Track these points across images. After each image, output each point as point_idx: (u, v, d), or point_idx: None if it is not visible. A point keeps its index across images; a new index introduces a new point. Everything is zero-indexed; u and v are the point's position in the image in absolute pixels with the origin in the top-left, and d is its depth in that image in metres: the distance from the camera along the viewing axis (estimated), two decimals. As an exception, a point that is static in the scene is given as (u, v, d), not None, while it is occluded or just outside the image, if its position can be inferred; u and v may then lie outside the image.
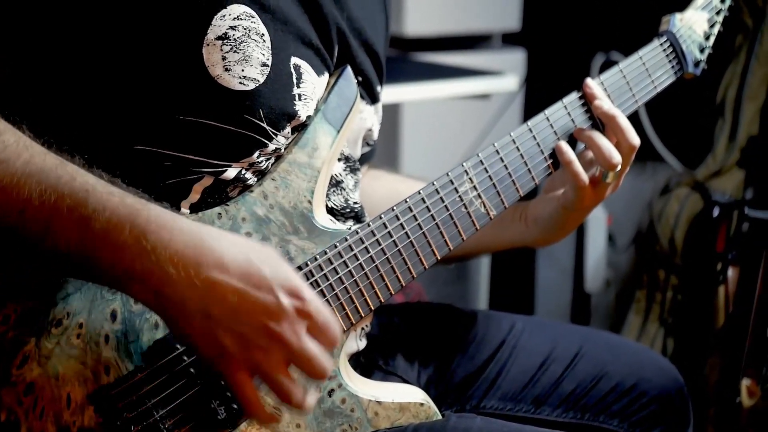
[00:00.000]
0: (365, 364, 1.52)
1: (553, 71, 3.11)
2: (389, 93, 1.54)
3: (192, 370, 1.17)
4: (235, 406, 1.19)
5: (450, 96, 2.64)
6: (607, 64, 2.93)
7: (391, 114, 2.97)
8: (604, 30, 3.08)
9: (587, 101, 1.47)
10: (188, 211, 1.23)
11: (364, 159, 1.55)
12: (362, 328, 1.39)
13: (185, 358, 1.17)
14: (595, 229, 3.09)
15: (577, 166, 1.43)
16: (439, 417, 1.34)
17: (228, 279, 1.07)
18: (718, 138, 2.90)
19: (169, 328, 1.11)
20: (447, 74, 2.66)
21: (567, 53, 3.13)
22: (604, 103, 1.45)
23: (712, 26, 1.68)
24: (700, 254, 2.78)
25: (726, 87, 2.90)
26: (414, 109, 3.00)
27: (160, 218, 1.08)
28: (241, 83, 1.21)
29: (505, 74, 2.70)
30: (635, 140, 1.46)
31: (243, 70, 1.21)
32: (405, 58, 2.99)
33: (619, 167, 1.44)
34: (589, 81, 1.47)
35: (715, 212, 2.66)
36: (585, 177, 1.43)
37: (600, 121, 1.47)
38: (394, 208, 1.31)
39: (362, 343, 1.39)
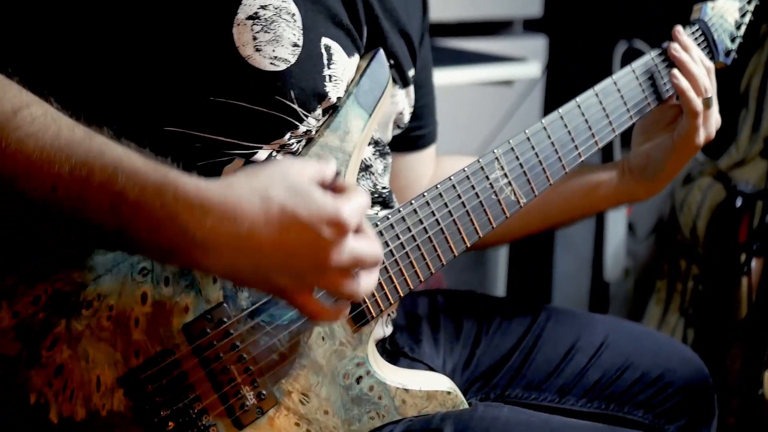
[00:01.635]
0: (391, 351, 1.51)
1: (574, 58, 3.09)
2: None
3: (222, 355, 1.16)
4: (264, 392, 1.19)
5: (473, 82, 2.62)
6: (630, 52, 2.92)
7: (412, 99, 2.94)
8: (626, 17, 3.05)
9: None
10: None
11: (424, 138, 1.58)
12: (388, 315, 1.38)
13: (215, 342, 1.16)
14: (615, 218, 3.08)
15: (692, 93, 1.49)
16: (466, 406, 1.34)
17: (269, 232, 1.03)
18: (741, 128, 2.88)
19: (235, 281, 1.13)
20: (471, 60, 2.64)
21: (589, 40, 3.10)
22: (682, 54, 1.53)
23: (743, 15, 1.67)
24: (722, 244, 2.76)
25: (750, 76, 2.87)
26: (436, 96, 2.97)
27: (191, 182, 1.04)
28: (272, 63, 1.20)
29: (529, 60, 2.68)
30: (708, 63, 1.55)
31: (274, 51, 1.20)
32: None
33: (710, 92, 1.51)
34: (674, 45, 1.53)
35: (738, 202, 2.64)
36: (698, 102, 1.49)
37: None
38: (425, 194, 1.30)
39: (388, 330, 1.38)
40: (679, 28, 1.54)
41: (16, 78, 1.06)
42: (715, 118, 1.54)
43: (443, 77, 2.50)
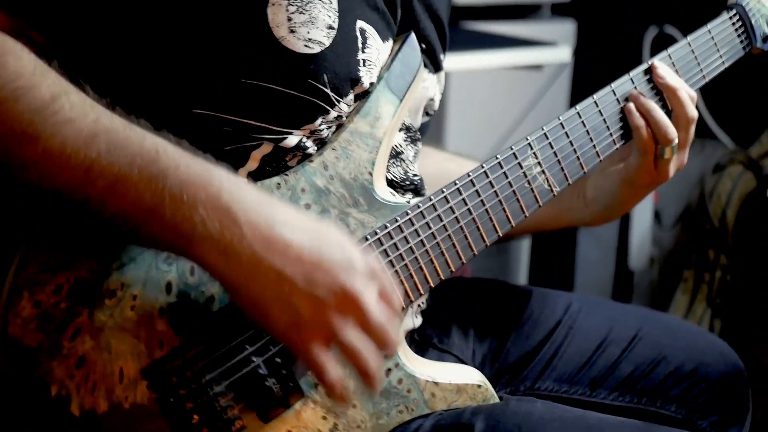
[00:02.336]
0: (419, 342, 1.48)
1: (603, 43, 3.04)
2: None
3: (248, 346, 1.13)
4: (291, 384, 1.16)
5: (502, 66, 2.59)
6: (661, 38, 2.88)
7: (438, 84, 2.92)
8: (657, 2, 3.01)
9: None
10: (246, 180, 1.19)
11: (422, 130, 1.51)
12: (418, 306, 1.35)
13: (241, 334, 1.13)
14: (641, 206, 3.05)
15: (645, 131, 1.39)
16: (497, 399, 1.30)
17: (301, 239, 1.05)
18: (773, 116, 2.84)
19: (235, 295, 1.06)
20: (499, 44, 2.62)
21: (618, 25, 3.06)
22: (666, 74, 1.42)
23: (782, -1, 1.62)
24: (753, 234, 2.71)
25: (783, 63, 2.83)
26: (461, 79, 2.95)
27: (233, 178, 1.06)
28: (306, 46, 1.17)
29: (558, 44, 2.65)
30: (692, 113, 1.42)
31: (309, 33, 1.16)
32: (454, 27, 2.94)
33: (675, 142, 1.40)
34: (656, 62, 1.43)
35: (769, 192, 2.60)
36: (651, 142, 1.40)
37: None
38: (457, 182, 1.27)
39: (418, 321, 1.35)
40: (654, 62, 1.43)
41: (55, 63, 1.05)
42: (676, 164, 1.44)
43: (472, 61, 2.48)
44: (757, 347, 2.37)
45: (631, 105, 1.40)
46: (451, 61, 2.37)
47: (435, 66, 1.40)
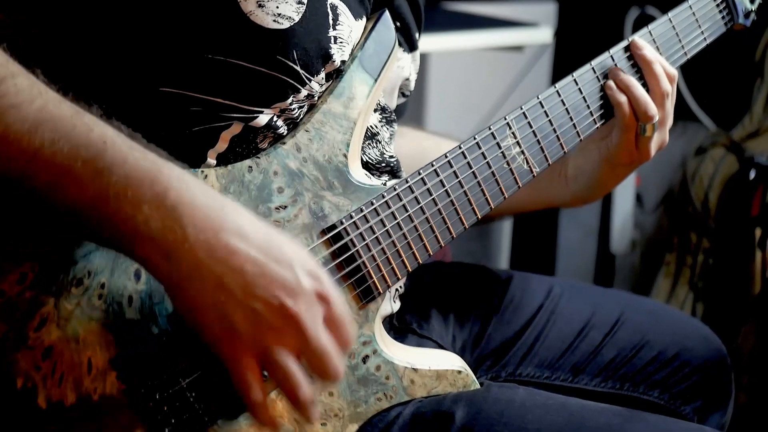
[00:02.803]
0: (399, 327, 1.45)
1: (584, 24, 3.02)
2: (422, 42, 1.47)
3: None
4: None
5: (483, 47, 2.57)
6: (642, 18, 2.85)
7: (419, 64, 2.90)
8: (639, -18, 2.99)
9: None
10: (215, 162, 1.16)
11: (398, 111, 1.48)
12: (396, 290, 1.32)
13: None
14: (623, 189, 3.04)
15: (627, 107, 1.37)
16: (477, 386, 1.28)
17: (247, 248, 1.00)
18: (755, 98, 2.83)
19: (172, 297, 1.01)
20: (480, 24, 2.59)
21: (600, 6, 3.04)
22: (643, 46, 1.40)
23: (764, -26, 1.60)
24: (735, 217, 2.70)
25: (765, 45, 2.82)
26: (442, 60, 2.93)
27: (184, 177, 1.01)
28: (275, 21, 1.13)
29: (540, 25, 2.62)
30: (666, 87, 1.40)
31: (278, 7, 1.13)
32: (436, 8, 2.91)
33: (656, 119, 1.38)
34: (636, 39, 1.40)
35: (752, 174, 2.59)
36: (633, 119, 1.38)
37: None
38: (434, 163, 1.24)
39: (396, 305, 1.32)
40: (634, 39, 1.41)
41: (4, 46, 1.01)
42: (657, 143, 1.42)
43: (452, 42, 2.45)
44: (739, 331, 2.36)
45: (611, 82, 1.37)
46: (432, 41, 2.36)
47: (410, 45, 1.37)
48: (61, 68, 1.09)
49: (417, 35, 1.40)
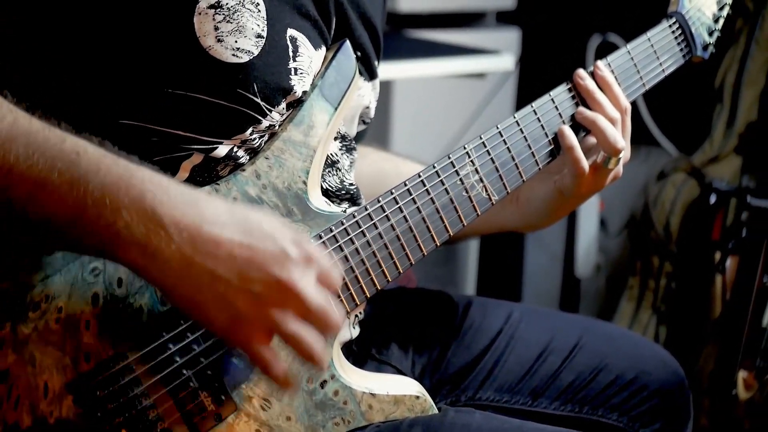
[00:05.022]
0: (358, 353, 1.46)
1: (548, 51, 3.05)
2: (381, 70, 1.48)
3: (178, 359, 1.11)
4: (223, 397, 1.14)
5: (446, 74, 2.59)
6: (604, 46, 2.89)
7: (383, 92, 2.90)
8: (601, 10, 3.02)
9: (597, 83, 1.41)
10: (176, 190, 1.16)
11: (359, 137, 1.49)
12: (356, 316, 1.33)
13: (171, 346, 1.11)
14: (587, 213, 3.05)
15: (578, 152, 1.38)
16: (435, 410, 1.29)
17: (230, 234, 1.02)
18: (715, 124, 2.86)
19: (170, 298, 1.03)
20: (443, 52, 2.61)
21: (563, 33, 3.07)
22: (588, 82, 1.40)
23: (721, 8, 1.63)
24: (696, 241, 2.73)
25: (725, 72, 2.85)
26: (405, 87, 2.95)
27: (156, 178, 1.03)
28: (234, 55, 1.14)
29: (502, 53, 2.64)
30: (618, 144, 1.38)
31: (236, 42, 1.14)
32: (398, 35, 2.93)
33: (623, 153, 1.38)
34: (580, 71, 1.41)
35: (712, 199, 2.61)
36: (585, 164, 1.38)
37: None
38: (393, 191, 1.25)
39: (355, 332, 1.33)
40: (579, 71, 1.41)
41: None
42: (614, 174, 1.43)
43: (415, 69, 2.47)
44: (701, 353, 2.38)
45: (564, 127, 1.38)
46: (394, 69, 2.38)
47: (370, 73, 1.38)
48: (25, 99, 1.10)
49: (377, 63, 1.41)
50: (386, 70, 2.32)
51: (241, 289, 1.01)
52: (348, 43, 1.28)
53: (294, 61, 1.20)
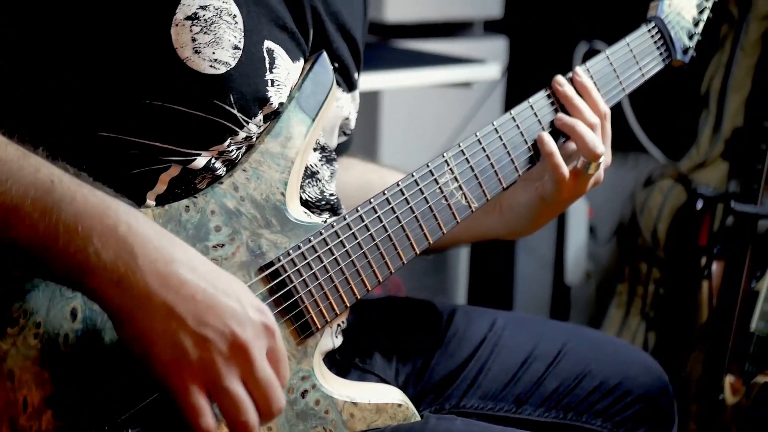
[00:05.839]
0: (341, 362, 1.47)
1: (535, 60, 3.06)
2: (368, 80, 1.49)
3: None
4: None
5: (431, 84, 2.60)
6: (591, 53, 2.89)
7: (371, 102, 2.92)
8: (587, 18, 3.04)
9: (576, 90, 1.42)
10: (154, 203, 1.17)
11: (341, 149, 1.50)
12: (338, 325, 1.33)
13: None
14: (576, 220, 3.06)
15: (558, 159, 1.38)
16: (418, 418, 1.29)
17: (197, 279, 1.03)
18: (702, 130, 2.86)
19: (121, 327, 1.03)
20: (428, 62, 2.62)
21: (550, 42, 3.08)
22: (566, 89, 1.41)
23: (701, 12, 1.63)
24: (683, 247, 2.74)
25: (710, 78, 2.86)
26: (393, 97, 2.95)
27: (132, 211, 1.05)
28: (211, 66, 1.15)
29: (488, 62, 2.66)
30: (597, 149, 1.39)
31: (214, 53, 1.15)
32: (385, 45, 2.94)
33: (603, 158, 1.39)
34: (558, 78, 1.42)
35: (699, 205, 2.62)
36: (565, 170, 1.38)
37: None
38: (372, 200, 1.26)
39: (338, 341, 1.34)
40: (558, 78, 1.43)
41: None
42: (595, 179, 1.43)
43: (401, 79, 2.48)
44: (689, 359, 2.39)
45: (543, 134, 1.38)
46: (380, 79, 2.38)
47: (349, 85, 1.39)
48: (2, 113, 1.10)
49: (356, 75, 1.42)
50: (373, 80, 2.33)
51: (193, 331, 1.02)
52: (325, 54, 1.28)
53: (271, 72, 1.21)
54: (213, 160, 1.19)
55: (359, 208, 1.25)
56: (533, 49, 3.12)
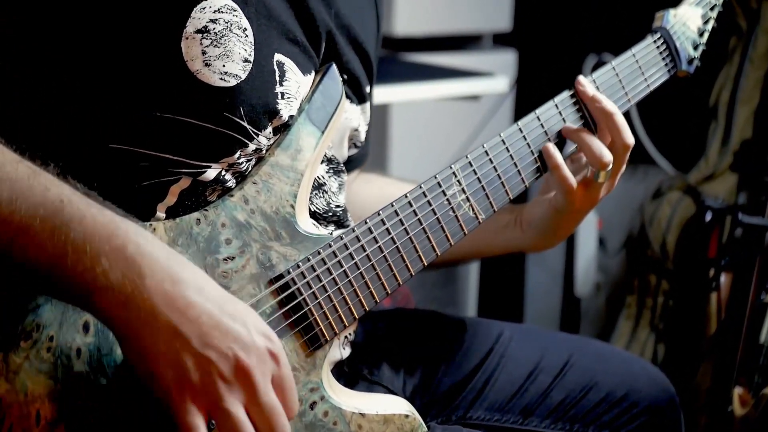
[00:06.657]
0: (349, 373, 1.48)
1: (544, 72, 3.07)
2: (378, 93, 1.50)
3: None
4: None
5: (440, 97, 2.60)
6: (599, 66, 2.89)
7: (380, 115, 2.93)
8: (596, 31, 3.04)
9: (580, 100, 1.43)
10: (164, 215, 1.18)
11: (356, 162, 1.51)
12: (346, 336, 1.34)
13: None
14: (586, 232, 3.06)
15: (564, 170, 1.39)
16: (425, 429, 1.30)
17: (204, 301, 1.04)
18: (710, 141, 2.86)
19: (125, 345, 1.04)
20: (437, 75, 2.63)
21: (558, 54, 3.09)
22: (602, 99, 1.41)
23: (705, 22, 1.64)
24: (692, 259, 2.74)
25: (719, 90, 2.86)
26: (403, 110, 2.96)
27: (141, 231, 1.06)
28: (221, 79, 1.17)
29: (496, 75, 2.67)
30: (630, 139, 1.42)
31: (224, 66, 1.17)
32: (395, 58, 2.96)
33: (610, 167, 1.40)
34: (581, 79, 1.43)
35: (708, 217, 2.62)
36: (572, 181, 1.40)
37: (592, 120, 1.43)
38: (380, 212, 1.27)
39: (346, 352, 1.35)
40: (580, 79, 1.43)
41: None
42: (607, 188, 1.44)
43: (410, 92, 2.49)
44: (698, 371, 2.39)
45: (548, 145, 1.39)
46: (388, 92, 2.40)
47: (359, 97, 1.40)
48: (14, 126, 1.12)
49: (368, 88, 1.43)
50: (382, 93, 2.34)
51: (196, 352, 1.03)
52: (334, 66, 1.30)
53: (281, 85, 1.22)
54: (223, 173, 1.20)
55: (368, 220, 1.26)
56: (542, 62, 3.13)
